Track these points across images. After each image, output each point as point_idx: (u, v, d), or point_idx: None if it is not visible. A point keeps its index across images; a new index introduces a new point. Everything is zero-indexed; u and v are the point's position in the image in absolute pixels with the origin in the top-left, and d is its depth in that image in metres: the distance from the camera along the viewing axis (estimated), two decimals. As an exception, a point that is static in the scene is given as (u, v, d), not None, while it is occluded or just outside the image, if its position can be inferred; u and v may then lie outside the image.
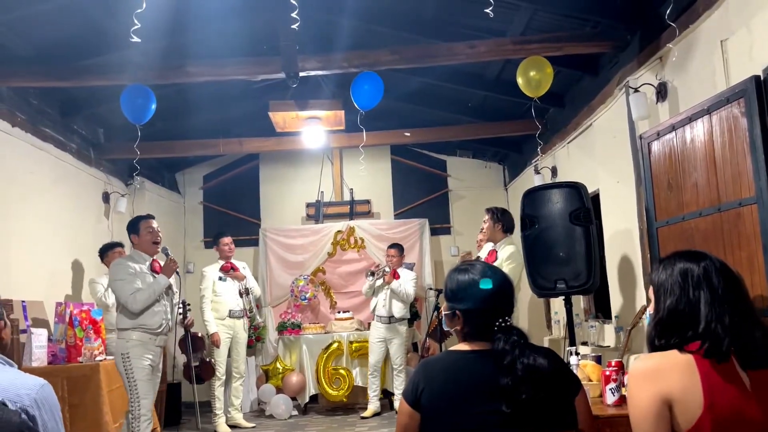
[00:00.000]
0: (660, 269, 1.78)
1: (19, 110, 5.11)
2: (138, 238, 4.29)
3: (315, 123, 5.80)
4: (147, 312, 4.08)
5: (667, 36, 3.86)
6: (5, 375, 1.81)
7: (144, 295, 4.06)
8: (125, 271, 4.11)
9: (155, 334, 4.13)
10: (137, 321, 4.07)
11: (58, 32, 4.71)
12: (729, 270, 1.72)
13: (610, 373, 2.48)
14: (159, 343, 4.19)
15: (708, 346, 1.60)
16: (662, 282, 1.74)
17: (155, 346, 4.15)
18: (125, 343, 4.07)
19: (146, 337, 4.10)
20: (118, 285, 4.11)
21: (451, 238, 8.36)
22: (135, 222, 4.35)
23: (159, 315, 4.13)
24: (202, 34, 5.02)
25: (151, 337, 4.11)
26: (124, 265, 4.16)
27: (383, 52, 4.78)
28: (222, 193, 8.37)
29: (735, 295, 1.67)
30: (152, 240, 4.27)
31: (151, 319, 4.10)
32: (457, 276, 1.87)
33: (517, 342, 1.71)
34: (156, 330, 4.12)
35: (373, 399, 6.58)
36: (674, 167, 3.81)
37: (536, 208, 4.43)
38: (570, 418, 1.71)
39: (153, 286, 4.11)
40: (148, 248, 4.28)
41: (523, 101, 5.64)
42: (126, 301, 4.05)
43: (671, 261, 1.77)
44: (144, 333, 4.09)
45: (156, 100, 4.85)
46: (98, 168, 6.44)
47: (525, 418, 1.64)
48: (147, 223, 4.29)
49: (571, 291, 4.31)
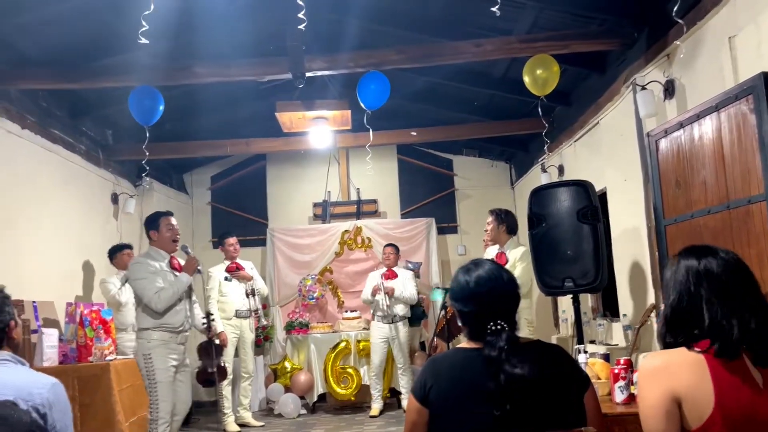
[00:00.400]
0: (668, 266, 1.78)
1: (28, 112, 5.15)
2: (157, 235, 4.21)
3: (322, 123, 5.81)
4: (170, 311, 4.04)
5: (675, 33, 3.85)
6: (17, 374, 1.83)
7: (168, 294, 4.01)
8: (146, 270, 4.05)
9: (177, 333, 4.10)
10: (161, 320, 4.03)
11: (67, 35, 4.74)
12: (738, 264, 1.69)
13: (619, 371, 2.48)
14: (181, 341, 4.16)
15: (716, 344, 1.60)
16: (668, 279, 1.74)
17: (177, 344, 4.12)
18: (147, 343, 4.02)
19: (167, 336, 4.06)
20: (140, 284, 4.03)
21: (457, 237, 8.36)
22: (155, 218, 4.25)
23: (181, 314, 4.11)
24: (208, 35, 5.04)
25: (172, 336, 4.08)
26: (145, 264, 4.09)
27: (389, 51, 4.79)
28: (230, 193, 8.41)
29: (744, 290, 1.65)
30: (172, 237, 4.20)
31: (174, 318, 4.07)
32: (459, 276, 1.88)
33: (503, 348, 1.70)
34: (178, 328, 4.10)
35: (377, 398, 6.59)
36: (682, 165, 3.80)
37: (543, 206, 4.43)
38: (573, 417, 1.70)
39: (176, 285, 4.06)
40: (167, 245, 4.21)
41: (530, 100, 5.64)
42: (150, 300, 3.98)
43: (678, 257, 1.76)
44: (165, 332, 4.06)
45: (164, 102, 4.88)
46: (107, 169, 6.48)
47: (522, 420, 1.64)
48: (167, 220, 4.22)
49: (579, 289, 4.30)
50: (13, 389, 1.73)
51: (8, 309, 1.94)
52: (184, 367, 4.21)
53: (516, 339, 1.75)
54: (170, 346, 4.06)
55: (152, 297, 3.98)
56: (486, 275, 1.82)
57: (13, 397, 1.68)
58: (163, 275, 4.08)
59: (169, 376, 4.04)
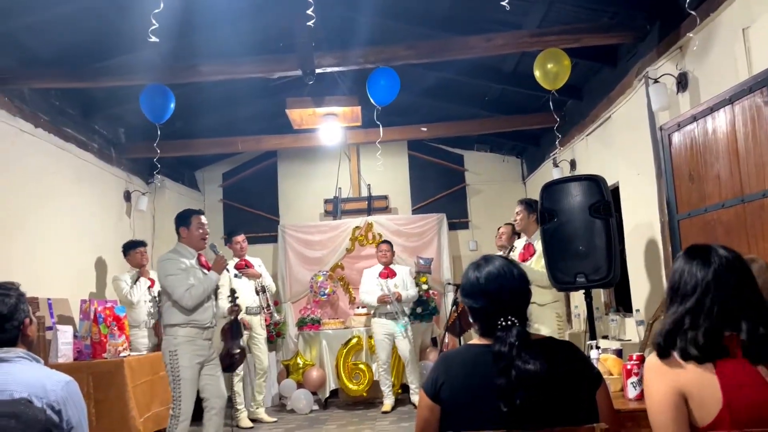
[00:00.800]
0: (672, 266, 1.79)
1: (41, 111, 5.20)
2: (188, 232, 4.19)
3: (332, 119, 5.81)
4: (199, 308, 4.05)
5: (688, 25, 3.80)
6: (32, 371, 1.85)
7: (198, 291, 4.00)
8: (176, 266, 4.04)
9: (204, 329, 4.11)
10: (190, 317, 4.03)
11: (77, 34, 4.77)
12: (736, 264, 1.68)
13: (632, 367, 2.46)
14: (207, 337, 4.16)
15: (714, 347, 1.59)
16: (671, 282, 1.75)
17: (204, 340, 4.12)
18: (173, 339, 4.02)
19: (194, 332, 4.05)
20: (170, 281, 4.01)
21: (469, 232, 8.35)
22: (187, 215, 4.25)
23: (209, 311, 4.11)
24: (217, 33, 5.05)
25: (199, 332, 4.08)
26: (175, 261, 4.08)
27: (399, 47, 4.77)
28: (241, 190, 8.44)
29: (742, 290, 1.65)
30: (201, 236, 4.20)
31: (202, 315, 4.07)
32: (469, 272, 1.87)
33: (513, 344, 1.69)
34: (205, 325, 4.11)
35: (388, 394, 6.59)
36: (696, 158, 3.76)
37: (555, 201, 4.40)
38: (584, 414, 1.69)
39: (205, 283, 4.06)
40: (196, 243, 4.21)
41: (541, 94, 5.60)
42: (181, 297, 3.97)
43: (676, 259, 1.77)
44: (193, 328, 4.05)
45: (174, 99, 4.90)
46: (119, 167, 6.52)
47: (532, 417, 1.64)
48: (198, 218, 4.23)
49: (591, 285, 4.27)
50: (28, 387, 1.75)
51: (23, 307, 1.96)
52: (212, 360, 4.19)
53: (527, 335, 1.75)
54: (196, 342, 4.05)
55: (183, 294, 3.97)
56: (496, 271, 1.82)
57: (28, 394, 1.69)
58: (192, 272, 4.08)
59: (194, 374, 4.03)
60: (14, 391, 1.72)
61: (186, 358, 3.98)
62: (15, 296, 1.96)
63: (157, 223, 7.17)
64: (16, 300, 1.95)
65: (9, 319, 1.90)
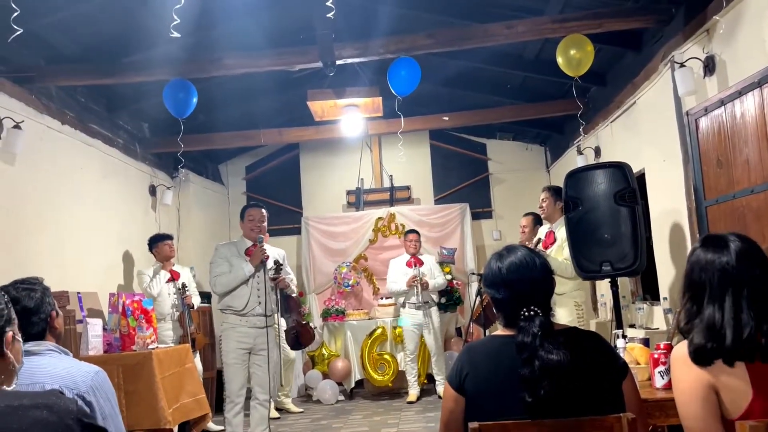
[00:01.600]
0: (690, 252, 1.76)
1: (68, 108, 5.28)
2: (243, 225, 4.55)
3: (353, 110, 5.81)
4: (234, 294, 4.32)
5: (714, 8, 3.72)
6: (61, 363, 1.89)
7: (224, 279, 4.31)
8: (218, 255, 4.45)
9: (242, 316, 4.32)
10: (225, 302, 4.36)
11: (101, 31, 4.84)
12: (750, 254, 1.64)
13: (659, 356, 2.43)
14: (253, 325, 4.33)
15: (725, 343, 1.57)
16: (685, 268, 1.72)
17: (248, 328, 4.32)
18: (221, 325, 4.41)
19: (236, 319, 4.32)
20: (210, 267, 4.46)
21: (492, 222, 8.30)
22: (242, 210, 4.61)
23: (244, 297, 4.33)
24: (238, 26, 5.07)
25: (240, 319, 4.32)
26: (220, 249, 4.48)
27: (420, 36, 4.75)
28: (264, 183, 8.49)
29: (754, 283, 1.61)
30: (251, 227, 4.49)
31: (237, 301, 4.32)
32: (492, 262, 1.86)
33: (536, 334, 1.68)
34: (241, 311, 4.31)
35: (413, 384, 6.61)
36: (723, 143, 3.69)
37: (580, 189, 4.35)
38: (609, 404, 1.68)
39: (236, 272, 4.32)
40: (248, 235, 4.51)
41: (564, 81, 5.54)
42: (210, 282, 4.41)
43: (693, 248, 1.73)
44: (233, 314, 4.34)
45: (197, 94, 4.94)
46: (144, 162, 6.60)
47: (556, 407, 1.63)
48: (250, 212, 4.55)
49: (617, 273, 4.22)
50: (58, 378, 1.78)
51: (49, 300, 2.00)
52: (261, 350, 4.35)
53: (550, 325, 1.74)
54: (239, 330, 4.31)
55: (211, 279, 4.40)
56: (518, 261, 1.81)
57: (59, 386, 1.73)
58: (235, 261, 4.36)
59: (237, 359, 4.29)
60: (45, 383, 1.76)
61: (229, 343, 4.31)
62: (40, 290, 2.00)
63: (182, 216, 7.26)
64: (41, 294, 1.99)
65: (36, 313, 1.94)
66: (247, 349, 4.32)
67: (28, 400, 1.31)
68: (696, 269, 1.69)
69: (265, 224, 4.54)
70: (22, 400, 1.30)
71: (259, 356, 4.34)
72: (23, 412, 1.27)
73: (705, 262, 1.67)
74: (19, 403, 1.29)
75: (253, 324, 4.34)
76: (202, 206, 7.61)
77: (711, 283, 1.64)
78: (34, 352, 1.86)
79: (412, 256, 6.70)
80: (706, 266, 1.66)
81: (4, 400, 1.29)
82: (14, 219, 4.51)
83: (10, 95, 4.53)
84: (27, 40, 3.80)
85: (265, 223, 4.56)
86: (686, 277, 1.73)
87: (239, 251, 4.44)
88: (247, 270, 4.33)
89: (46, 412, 1.29)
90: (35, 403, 1.30)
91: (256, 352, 4.33)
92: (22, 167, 4.60)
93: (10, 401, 1.29)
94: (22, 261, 4.48)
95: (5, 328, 1.43)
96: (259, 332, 4.35)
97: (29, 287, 1.97)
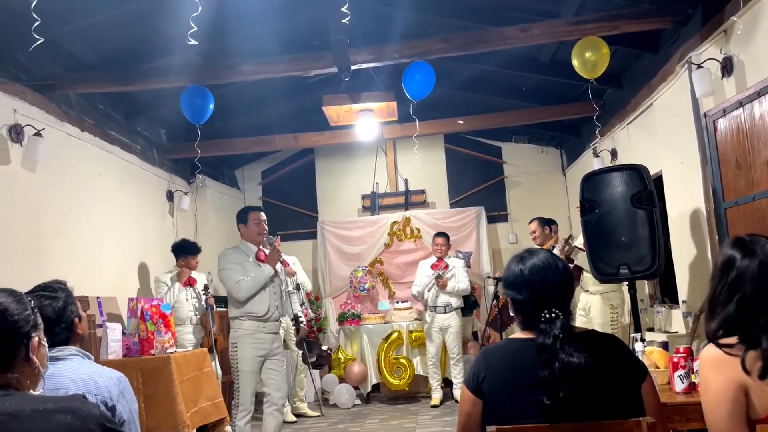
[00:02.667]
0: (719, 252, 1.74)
1: (87, 115, 5.35)
2: (245, 228, 4.36)
3: (368, 115, 5.83)
4: (254, 299, 4.18)
5: (731, 8, 3.69)
6: (84, 368, 1.91)
7: (247, 285, 4.15)
8: (228, 261, 4.25)
9: (263, 321, 4.21)
10: (244, 309, 4.19)
11: (119, 39, 4.90)
12: None
13: (678, 359, 2.42)
14: (270, 330, 4.25)
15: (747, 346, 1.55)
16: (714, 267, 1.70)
17: (265, 334, 4.22)
18: (235, 332, 4.22)
19: (254, 325, 4.19)
20: (223, 275, 4.24)
21: (508, 225, 8.27)
22: (244, 212, 4.41)
23: (265, 302, 4.22)
24: (253, 32, 5.11)
25: (259, 325, 4.20)
26: (229, 255, 4.29)
27: (434, 40, 4.75)
28: (280, 187, 8.54)
29: None
30: (258, 231, 4.34)
31: (258, 307, 4.19)
32: (513, 264, 1.87)
33: (557, 336, 1.68)
34: (263, 317, 4.21)
35: (436, 388, 6.61)
36: (742, 145, 3.65)
37: (596, 192, 4.33)
38: (628, 407, 1.67)
39: (257, 276, 4.19)
40: (253, 239, 4.35)
41: (580, 83, 5.50)
42: (231, 289, 4.19)
43: (724, 246, 1.72)
44: (252, 321, 4.19)
45: (213, 100, 4.99)
46: (162, 168, 6.67)
47: (575, 410, 1.62)
48: (255, 215, 4.37)
49: (635, 276, 4.19)
50: (81, 384, 1.81)
51: (71, 307, 2.00)
52: (276, 355, 4.27)
53: (570, 327, 1.74)
54: (257, 336, 4.18)
55: (233, 287, 4.17)
56: (540, 264, 1.81)
57: (83, 391, 1.76)
58: (248, 266, 4.22)
59: (253, 365, 4.16)
60: (68, 389, 1.78)
61: (245, 350, 4.15)
62: (63, 297, 1.98)
63: (199, 221, 7.32)
64: (63, 302, 1.97)
65: (58, 323, 1.94)
66: (263, 356, 4.21)
67: (52, 404, 1.33)
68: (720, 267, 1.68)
69: None
70: (46, 404, 1.33)
71: (274, 360, 4.26)
72: (48, 416, 1.30)
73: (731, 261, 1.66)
74: (43, 407, 1.31)
75: (270, 329, 4.27)
76: (219, 211, 7.67)
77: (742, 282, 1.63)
78: (59, 357, 1.89)
79: (438, 260, 6.70)
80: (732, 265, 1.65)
81: (30, 404, 1.32)
82: (36, 225, 4.58)
83: (31, 103, 4.61)
84: (47, 48, 3.85)
85: None
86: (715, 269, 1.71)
87: (248, 256, 4.30)
88: (267, 272, 4.24)
89: (70, 417, 1.31)
90: (59, 407, 1.32)
91: (271, 357, 4.24)
92: (42, 174, 4.67)
93: (36, 405, 1.31)
94: (44, 266, 4.54)
95: (31, 333, 1.45)
96: (275, 337, 4.31)
97: (51, 294, 1.97)
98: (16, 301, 1.45)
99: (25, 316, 1.45)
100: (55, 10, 3.85)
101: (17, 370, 1.41)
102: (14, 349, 1.42)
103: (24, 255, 4.41)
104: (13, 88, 4.43)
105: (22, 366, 1.42)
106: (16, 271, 4.23)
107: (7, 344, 1.41)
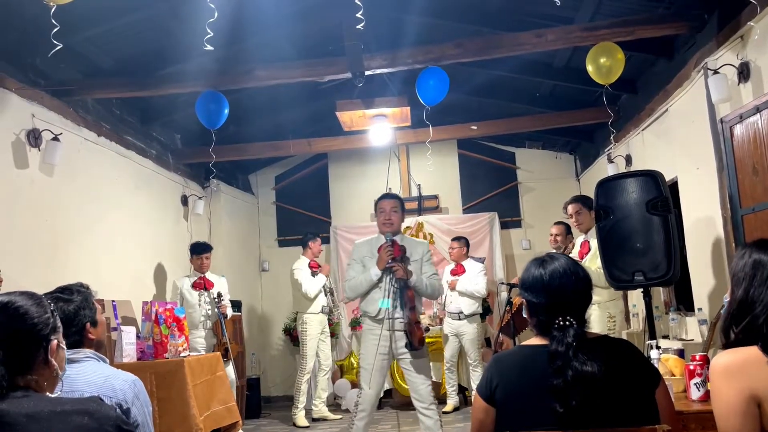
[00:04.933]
0: (738, 256, 1.71)
1: (104, 120, 5.41)
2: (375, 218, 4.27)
3: (381, 120, 5.84)
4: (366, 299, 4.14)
5: (748, 13, 3.66)
6: (100, 371, 1.93)
7: (352, 284, 4.13)
8: (351, 256, 4.31)
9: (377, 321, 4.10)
10: (360, 306, 4.24)
11: (135, 45, 4.96)
12: None
13: (695, 367, 2.39)
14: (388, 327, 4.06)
15: None
16: (736, 271, 1.68)
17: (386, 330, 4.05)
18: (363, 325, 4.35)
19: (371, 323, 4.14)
20: None
21: (521, 231, 8.24)
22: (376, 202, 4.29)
23: (376, 303, 4.09)
24: (268, 38, 5.15)
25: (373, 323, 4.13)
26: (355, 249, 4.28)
27: (448, 46, 4.76)
28: (293, 192, 8.57)
29: None
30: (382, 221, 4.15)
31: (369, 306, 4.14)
32: (532, 268, 1.86)
33: (570, 344, 1.67)
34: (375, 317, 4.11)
35: (451, 394, 6.58)
36: (760, 150, 3.62)
37: (610, 198, 4.30)
38: (642, 414, 1.66)
39: (365, 276, 4.09)
40: (379, 228, 4.21)
41: (594, 89, 5.49)
42: None
43: (749, 249, 1.69)
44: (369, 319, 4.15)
45: (228, 105, 5.03)
46: (176, 172, 6.72)
47: (588, 417, 1.61)
48: (379, 203, 4.20)
49: (650, 283, 4.15)
50: (97, 387, 1.83)
51: (84, 312, 2.00)
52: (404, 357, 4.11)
53: (584, 335, 1.73)
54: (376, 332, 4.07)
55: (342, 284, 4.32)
56: (561, 269, 1.80)
57: (98, 393, 1.77)
58: (367, 263, 4.12)
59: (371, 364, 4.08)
60: (84, 392, 1.80)
61: (367, 346, 4.12)
62: (77, 302, 1.98)
63: (213, 226, 7.36)
64: (76, 306, 1.98)
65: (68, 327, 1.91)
66: (386, 354, 4.04)
67: (70, 405, 1.35)
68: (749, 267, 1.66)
69: (397, 214, 4.11)
70: (64, 405, 1.34)
71: (404, 360, 4.09)
72: (65, 417, 1.31)
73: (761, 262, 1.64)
74: (61, 408, 1.33)
75: (389, 327, 4.05)
76: (233, 216, 7.71)
77: None
78: (75, 359, 1.90)
79: (456, 264, 6.68)
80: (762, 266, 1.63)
81: (48, 406, 1.33)
82: (52, 229, 4.63)
83: (49, 108, 4.67)
84: (65, 54, 3.91)
85: (399, 213, 4.12)
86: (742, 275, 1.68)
87: (373, 250, 4.13)
88: (374, 274, 4.07)
89: (87, 418, 1.32)
90: (76, 409, 1.34)
91: (399, 357, 4.09)
92: (59, 178, 4.72)
93: (53, 407, 1.33)
94: (60, 269, 4.59)
95: (50, 336, 1.47)
96: (399, 335, 4.07)
97: (66, 298, 1.97)
98: (36, 303, 1.47)
99: (45, 319, 1.47)
100: (74, 16, 3.90)
101: (36, 372, 1.43)
102: (34, 352, 1.43)
103: (40, 258, 4.46)
104: (32, 93, 4.49)
105: (40, 368, 1.44)
106: (32, 273, 4.28)
107: (26, 347, 1.43)
